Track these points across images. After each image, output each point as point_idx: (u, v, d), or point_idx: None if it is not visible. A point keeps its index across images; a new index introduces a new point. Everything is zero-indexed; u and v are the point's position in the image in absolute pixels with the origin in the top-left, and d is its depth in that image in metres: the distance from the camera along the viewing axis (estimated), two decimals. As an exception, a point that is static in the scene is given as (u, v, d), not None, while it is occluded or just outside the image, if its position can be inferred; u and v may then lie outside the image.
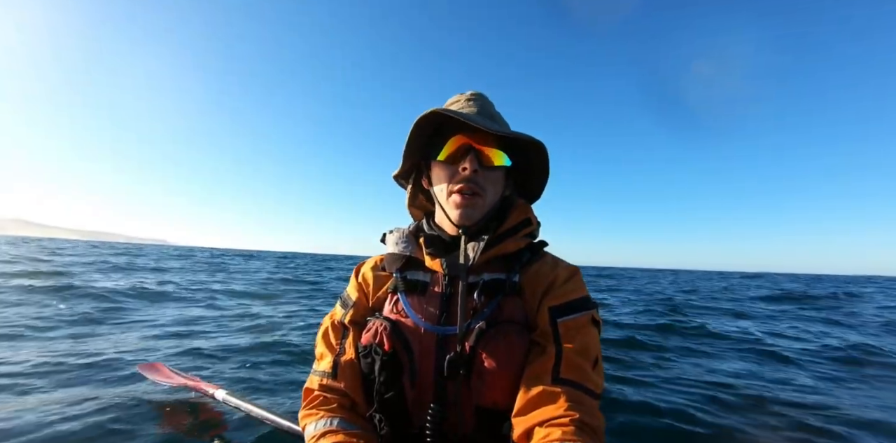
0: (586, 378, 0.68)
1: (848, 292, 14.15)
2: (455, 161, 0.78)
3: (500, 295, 0.77)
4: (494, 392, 0.71)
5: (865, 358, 4.12)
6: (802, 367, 3.72)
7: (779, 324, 6.48)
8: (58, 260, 13.37)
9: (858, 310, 8.77)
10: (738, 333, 5.35)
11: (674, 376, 3.25)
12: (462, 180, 0.77)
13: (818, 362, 3.93)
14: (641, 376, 3.17)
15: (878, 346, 4.59)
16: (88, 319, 4.52)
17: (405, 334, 0.77)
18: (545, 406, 0.65)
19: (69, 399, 2.25)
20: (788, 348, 4.39)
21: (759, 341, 4.82)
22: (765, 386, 3.06)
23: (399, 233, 0.90)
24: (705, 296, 11.94)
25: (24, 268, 9.45)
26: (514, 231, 0.82)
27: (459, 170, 0.78)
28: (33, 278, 7.49)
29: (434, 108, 0.75)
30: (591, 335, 0.74)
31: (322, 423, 0.74)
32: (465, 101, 0.84)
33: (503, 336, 0.73)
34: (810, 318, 7.40)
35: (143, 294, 6.64)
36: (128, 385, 2.55)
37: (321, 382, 0.81)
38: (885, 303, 10.74)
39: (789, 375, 3.41)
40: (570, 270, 0.81)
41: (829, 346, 4.61)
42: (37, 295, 5.78)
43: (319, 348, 0.87)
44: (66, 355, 3.04)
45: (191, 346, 3.49)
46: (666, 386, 2.97)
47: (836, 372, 3.58)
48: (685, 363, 3.73)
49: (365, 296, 0.88)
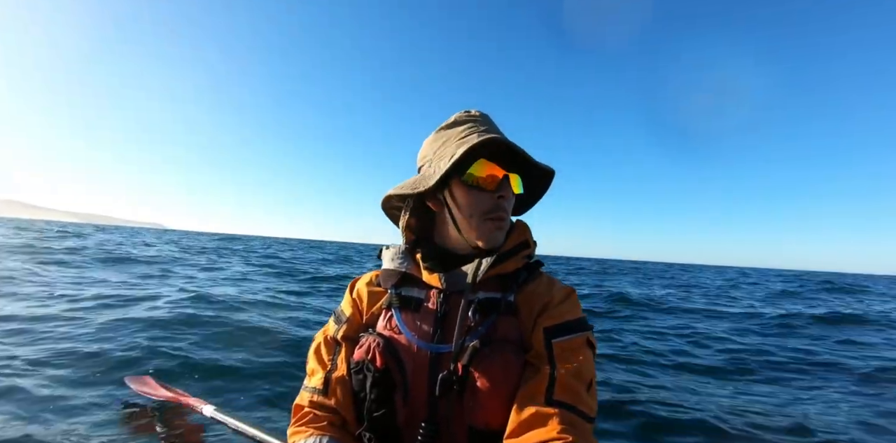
0: (580, 401, 0.67)
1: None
2: (486, 187, 0.78)
3: (495, 314, 0.77)
4: (487, 412, 0.70)
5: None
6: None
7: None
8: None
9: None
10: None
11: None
12: (497, 208, 0.78)
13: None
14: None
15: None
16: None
17: (398, 350, 0.76)
18: (538, 429, 0.64)
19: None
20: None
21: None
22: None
23: (395, 249, 0.89)
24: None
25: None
26: (514, 251, 0.82)
27: (495, 197, 0.78)
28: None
29: (493, 135, 0.76)
30: (586, 357, 0.73)
31: (311, 441, 0.73)
32: (475, 122, 0.83)
33: (498, 355, 0.72)
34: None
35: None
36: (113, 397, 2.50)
37: (311, 398, 0.79)
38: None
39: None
40: (566, 291, 0.81)
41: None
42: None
43: (311, 363, 0.85)
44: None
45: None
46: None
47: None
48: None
49: (359, 312, 0.87)
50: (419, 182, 0.82)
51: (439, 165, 0.79)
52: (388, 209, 0.94)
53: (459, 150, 0.75)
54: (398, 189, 0.85)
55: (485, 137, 0.75)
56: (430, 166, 0.82)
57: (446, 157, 0.78)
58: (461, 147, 0.76)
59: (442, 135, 0.84)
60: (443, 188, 0.81)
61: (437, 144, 0.84)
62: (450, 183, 0.80)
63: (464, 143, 0.77)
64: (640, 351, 4.73)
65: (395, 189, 0.86)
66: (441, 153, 0.81)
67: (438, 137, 0.85)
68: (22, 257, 9.56)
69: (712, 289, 15.55)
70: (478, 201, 0.78)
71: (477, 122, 0.83)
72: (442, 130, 0.85)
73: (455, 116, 0.86)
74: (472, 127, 0.81)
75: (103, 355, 3.13)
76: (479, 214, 0.78)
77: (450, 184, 0.80)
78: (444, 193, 0.81)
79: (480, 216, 0.78)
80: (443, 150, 0.81)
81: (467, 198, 0.78)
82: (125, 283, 7.21)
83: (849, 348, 5.46)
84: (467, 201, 0.78)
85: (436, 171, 0.79)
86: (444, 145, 0.82)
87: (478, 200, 0.78)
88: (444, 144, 0.82)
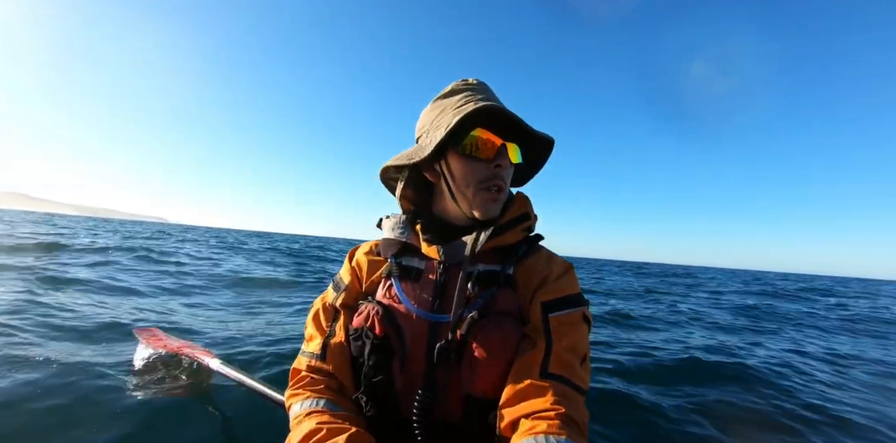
0: (574, 374, 0.69)
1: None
2: (482, 156, 0.76)
3: (494, 286, 0.77)
4: (483, 381, 0.72)
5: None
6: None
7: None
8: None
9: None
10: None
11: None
12: (494, 177, 0.76)
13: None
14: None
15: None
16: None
17: (397, 319, 0.77)
18: (532, 399, 0.65)
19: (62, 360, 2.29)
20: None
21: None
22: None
23: (396, 218, 0.89)
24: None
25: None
26: (513, 223, 0.81)
27: (492, 167, 0.76)
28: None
29: (490, 103, 0.73)
30: (582, 332, 0.74)
31: (308, 403, 0.75)
32: (472, 90, 0.81)
33: (495, 326, 0.73)
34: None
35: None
36: (123, 346, 2.59)
37: (309, 363, 0.81)
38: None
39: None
40: (564, 266, 0.81)
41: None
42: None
43: (309, 329, 0.86)
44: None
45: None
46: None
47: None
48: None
49: (358, 280, 0.87)
50: (415, 153, 0.80)
51: (435, 135, 0.77)
52: (386, 181, 0.93)
53: (455, 119, 0.73)
54: (395, 160, 0.84)
55: (480, 105, 0.73)
56: (427, 136, 0.80)
57: (442, 126, 0.76)
58: (457, 116, 0.73)
59: (439, 104, 0.82)
60: (439, 158, 0.80)
61: (433, 113, 0.82)
62: (446, 153, 0.79)
63: (460, 111, 0.75)
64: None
65: (392, 160, 0.85)
66: (438, 123, 0.79)
67: (435, 106, 0.82)
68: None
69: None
70: (474, 171, 0.76)
71: (474, 90, 0.80)
72: (439, 100, 0.83)
73: (452, 84, 0.83)
74: (468, 95, 0.79)
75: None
76: (476, 183, 0.77)
77: (446, 154, 0.79)
78: (440, 164, 0.80)
79: (477, 186, 0.77)
80: (439, 119, 0.79)
81: (463, 168, 0.77)
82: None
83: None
84: (463, 171, 0.77)
85: (432, 140, 0.77)
86: (441, 115, 0.79)
87: (474, 170, 0.76)
88: (440, 114, 0.79)
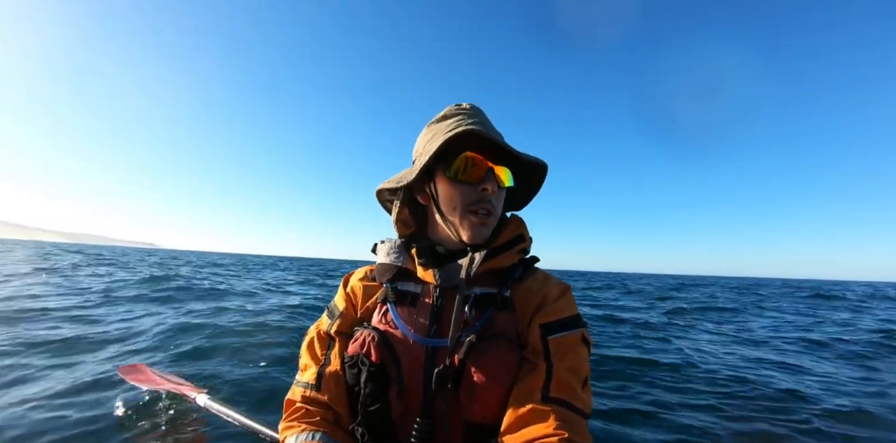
0: (575, 397, 0.67)
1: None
2: (471, 180, 0.77)
3: (491, 309, 0.76)
4: (483, 407, 0.70)
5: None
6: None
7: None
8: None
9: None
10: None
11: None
12: (481, 200, 0.77)
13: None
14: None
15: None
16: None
17: (393, 345, 0.75)
18: (534, 425, 0.64)
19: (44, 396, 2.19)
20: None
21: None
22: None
23: (391, 243, 0.89)
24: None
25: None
26: (508, 246, 0.81)
27: (479, 190, 0.77)
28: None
29: (471, 127, 0.74)
30: (582, 354, 0.73)
31: (303, 436, 0.72)
32: (464, 115, 0.82)
33: (494, 350, 0.71)
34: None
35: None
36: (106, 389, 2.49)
37: (304, 393, 0.79)
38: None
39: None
40: (562, 288, 0.81)
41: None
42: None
43: (304, 358, 0.84)
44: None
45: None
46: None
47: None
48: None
49: (353, 306, 0.86)
50: (405, 176, 0.82)
51: (424, 158, 0.78)
52: (382, 202, 0.94)
53: (440, 141, 0.75)
54: (387, 183, 0.85)
55: (461, 129, 0.75)
56: (419, 160, 0.82)
57: (432, 149, 0.77)
58: (443, 138, 0.75)
59: (432, 129, 0.84)
60: (429, 182, 0.81)
61: (426, 137, 0.84)
62: (435, 176, 0.80)
63: (447, 135, 0.76)
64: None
65: (384, 183, 0.86)
66: (429, 147, 0.80)
67: (429, 131, 0.85)
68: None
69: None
70: (461, 194, 0.77)
71: (466, 114, 0.82)
72: (432, 124, 0.85)
73: (446, 109, 0.86)
74: (460, 120, 0.80)
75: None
76: (462, 207, 0.77)
77: (435, 177, 0.80)
78: (429, 187, 0.81)
79: (463, 209, 0.77)
80: (431, 143, 0.80)
81: (450, 191, 0.78)
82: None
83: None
84: (450, 194, 0.78)
85: (420, 163, 0.79)
86: (432, 139, 0.81)
87: (461, 193, 0.77)
88: (432, 138, 0.81)
